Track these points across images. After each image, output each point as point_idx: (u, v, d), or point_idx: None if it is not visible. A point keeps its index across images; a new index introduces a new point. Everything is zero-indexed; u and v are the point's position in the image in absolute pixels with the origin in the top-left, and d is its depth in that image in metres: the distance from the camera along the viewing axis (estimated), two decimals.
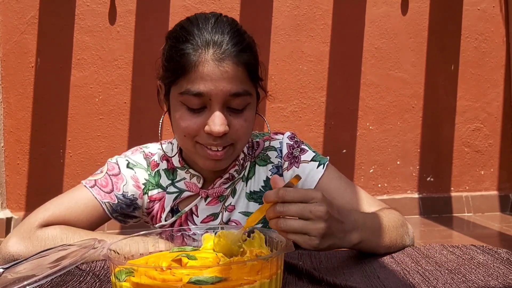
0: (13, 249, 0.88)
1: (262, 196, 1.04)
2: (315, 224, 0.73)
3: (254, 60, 0.94)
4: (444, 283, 0.73)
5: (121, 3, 2.98)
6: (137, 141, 2.99)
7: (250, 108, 0.94)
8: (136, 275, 0.63)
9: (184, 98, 0.90)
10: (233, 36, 0.91)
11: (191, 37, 0.90)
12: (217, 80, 0.87)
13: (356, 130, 3.15)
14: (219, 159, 0.93)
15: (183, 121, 0.91)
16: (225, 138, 0.91)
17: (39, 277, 0.61)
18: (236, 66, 0.89)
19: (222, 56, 0.88)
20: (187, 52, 0.89)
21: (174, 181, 1.04)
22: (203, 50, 0.88)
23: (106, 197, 0.99)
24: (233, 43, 0.89)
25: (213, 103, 0.89)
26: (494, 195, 3.21)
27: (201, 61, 0.87)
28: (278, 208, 0.73)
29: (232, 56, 0.88)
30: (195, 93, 0.88)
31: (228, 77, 0.88)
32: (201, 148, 0.92)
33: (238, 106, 0.91)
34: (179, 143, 0.99)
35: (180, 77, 0.90)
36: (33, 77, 2.96)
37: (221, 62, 0.87)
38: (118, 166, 1.04)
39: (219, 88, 0.87)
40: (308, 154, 1.06)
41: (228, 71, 0.88)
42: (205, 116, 0.90)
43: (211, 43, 0.88)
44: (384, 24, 3.13)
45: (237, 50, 0.89)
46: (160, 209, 1.05)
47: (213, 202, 1.04)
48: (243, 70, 0.90)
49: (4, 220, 2.85)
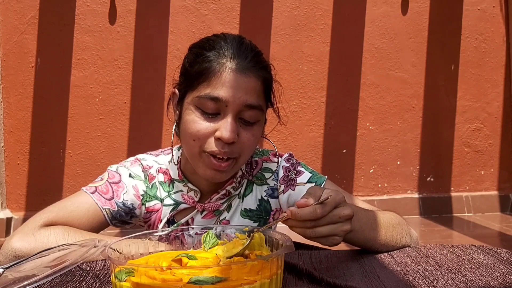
0: (16, 245, 0.89)
1: (257, 215, 1.07)
2: (343, 226, 0.78)
3: (270, 81, 1.00)
4: (444, 283, 0.73)
5: (121, 3, 2.99)
6: (137, 141, 3.01)
7: (259, 125, 0.97)
8: (136, 275, 0.63)
9: (201, 101, 0.92)
10: (256, 54, 0.97)
11: (217, 47, 0.95)
12: (237, 89, 0.91)
13: (356, 130, 3.15)
14: (221, 170, 0.95)
15: (195, 124, 0.93)
16: (231, 147, 0.93)
17: (39, 277, 0.61)
18: (256, 80, 0.94)
19: (245, 68, 0.93)
20: (211, 59, 0.93)
21: (171, 193, 1.06)
22: (228, 60, 0.93)
23: (107, 204, 1.00)
24: (255, 60, 0.96)
25: (228, 110, 0.91)
26: (494, 195, 3.21)
27: (225, 69, 0.92)
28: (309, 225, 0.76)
29: (254, 70, 0.94)
30: (214, 97, 0.91)
31: (247, 88, 0.92)
32: (206, 156, 0.94)
33: (250, 119, 0.94)
34: (185, 149, 0.99)
35: (201, 81, 0.93)
36: (33, 77, 2.96)
37: (243, 73, 0.92)
38: (119, 174, 1.05)
39: (237, 96, 0.91)
40: (304, 175, 1.07)
41: (248, 82, 0.93)
42: (218, 123, 0.92)
43: (236, 55, 0.93)
44: (384, 24, 3.13)
45: (259, 66, 0.96)
46: (157, 220, 1.06)
47: (208, 216, 1.06)
48: (261, 86, 0.96)
49: (4, 220, 2.85)
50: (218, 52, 0.93)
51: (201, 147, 0.94)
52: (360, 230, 0.87)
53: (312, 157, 3.07)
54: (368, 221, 0.89)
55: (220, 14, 3.03)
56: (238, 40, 0.97)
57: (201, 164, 0.96)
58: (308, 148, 3.07)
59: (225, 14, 3.03)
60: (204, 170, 0.96)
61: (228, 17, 3.03)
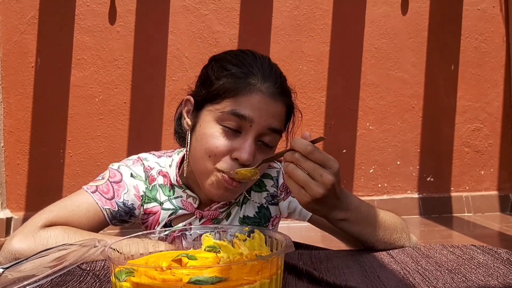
0: (17, 246, 0.89)
1: (255, 222, 1.07)
2: (316, 187, 0.77)
3: (293, 108, 1.01)
4: (444, 283, 0.73)
5: (121, 3, 2.98)
6: (137, 141, 3.01)
7: (274, 150, 0.97)
8: (136, 275, 0.63)
9: (224, 117, 0.91)
10: (284, 80, 0.98)
11: (248, 65, 0.95)
12: (264, 111, 0.91)
13: (356, 130, 3.15)
14: (231, 188, 0.94)
15: (214, 140, 0.92)
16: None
17: (39, 277, 0.61)
18: (283, 106, 0.95)
19: (275, 93, 0.93)
20: (241, 76, 0.93)
21: (171, 198, 1.05)
22: (259, 81, 0.93)
23: (107, 204, 1.00)
24: (284, 86, 0.97)
25: (251, 130, 0.91)
26: (494, 195, 3.21)
27: (256, 89, 0.92)
28: (297, 155, 0.77)
29: (282, 96, 0.95)
30: (240, 114, 0.90)
31: (273, 112, 0.93)
32: (220, 174, 0.93)
33: (269, 142, 0.94)
34: (196, 163, 0.97)
35: (227, 97, 0.92)
36: (33, 77, 2.96)
37: (273, 97, 0.93)
38: (121, 173, 1.04)
39: (263, 118, 0.91)
40: None
41: (276, 107, 0.93)
42: (237, 142, 0.92)
43: (268, 78, 0.94)
44: (384, 24, 3.13)
45: (287, 94, 0.97)
46: (154, 223, 1.06)
47: (207, 223, 1.05)
48: (285, 112, 0.97)
49: (4, 220, 2.85)
50: (250, 70, 0.93)
51: (214, 164, 0.92)
52: (355, 222, 0.86)
53: None
54: (368, 215, 0.89)
55: (220, 14, 3.03)
56: (268, 62, 0.97)
57: (210, 181, 0.94)
58: None
59: (225, 14, 3.03)
60: (212, 188, 0.94)
61: (228, 17, 3.03)
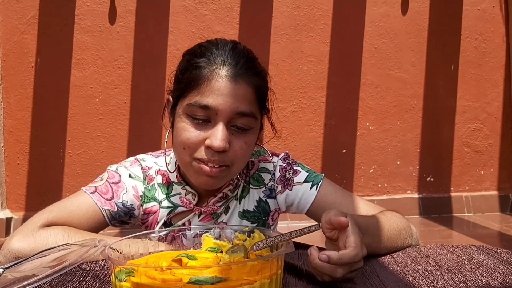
0: (16, 245, 0.89)
1: (255, 216, 1.07)
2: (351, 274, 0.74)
3: (265, 88, 0.98)
4: (444, 283, 0.73)
5: (121, 3, 2.98)
6: (137, 141, 3.01)
7: (253, 133, 0.95)
8: (136, 275, 0.63)
9: (191, 109, 0.91)
10: (248, 60, 0.94)
11: (208, 53, 0.93)
12: (227, 96, 0.89)
13: (356, 130, 3.15)
14: (213, 176, 0.93)
15: (185, 132, 0.92)
16: (223, 156, 0.91)
17: (39, 277, 0.61)
18: (248, 87, 0.92)
19: (236, 75, 0.90)
20: (201, 66, 0.91)
21: (169, 195, 1.05)
22: (218, 67, 0.91)
23: (106, 204, 1.00)
24: (247, 66, 0.93)
25: (218, 118, 0.90)
26: (494, 195, 3.21)
27: (215, 76, 0.90)
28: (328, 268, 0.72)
29: (245, 77, 0.91)
30: (203, 105, 0.89)
31: (238, 95, 0.90)
32: (197, 163, 0.93)
33: (243, 126, 0.92)
34: (177, 156, 0.99)
35: (191, 89, 0.91)
36: (33, 77, 2.96)
37: (234, 80, 0.90)
38: (119, 174, 1.05)
39: (228, 104, 0.89)
40: (301, 175, 1.07)
41: (239, 89, 0.90)
42: (208, 131, 0.91)
43: (226, 62, 0.91)
44: (384, 24, 3.13)
45: (251, 73, 0.93)
46: (154, 222, 1.06)
47: (206, 219, 1.05)
48: (253, 92, 0.93)
49: (4, 220, 2.85)
50: (208, 59, 0.92)
51: (191, 155, 0.93)
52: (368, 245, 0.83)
53: (312, 157, 3.07)
54: (377, 233, 0.89)
55: (220, 14, 3.03)
56: (230, 46, 0.94)
57: (192, 171, 0.95)
58: (308, 148, 3.07)
59: (225, 14, 3.03)
60: (196, 177, 0.95)
61: (228, 17, 3.03)
